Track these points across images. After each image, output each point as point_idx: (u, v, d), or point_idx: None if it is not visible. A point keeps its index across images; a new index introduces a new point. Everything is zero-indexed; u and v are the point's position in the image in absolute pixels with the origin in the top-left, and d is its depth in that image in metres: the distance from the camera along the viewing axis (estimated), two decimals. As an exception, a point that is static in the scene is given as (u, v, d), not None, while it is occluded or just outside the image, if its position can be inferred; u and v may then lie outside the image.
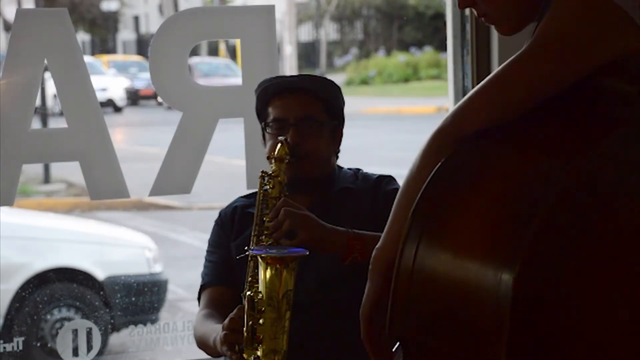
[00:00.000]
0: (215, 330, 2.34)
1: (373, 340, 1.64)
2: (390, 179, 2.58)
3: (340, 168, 2.62)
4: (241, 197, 2.67)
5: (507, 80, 1.59)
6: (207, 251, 2.63)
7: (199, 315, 2.53)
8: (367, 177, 2.60)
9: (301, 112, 2.49)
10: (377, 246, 1.65)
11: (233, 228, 2.59)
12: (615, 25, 1.56)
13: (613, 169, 1.50)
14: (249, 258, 2.30)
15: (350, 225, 2.35)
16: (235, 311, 2.25)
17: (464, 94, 3.15)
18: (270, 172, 2.37)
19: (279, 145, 2.38)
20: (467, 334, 1.46)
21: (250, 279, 2.29)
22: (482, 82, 1.61)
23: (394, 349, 1.61)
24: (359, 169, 2.64)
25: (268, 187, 2.37)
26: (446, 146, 1.59)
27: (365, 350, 1.70)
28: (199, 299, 2.60)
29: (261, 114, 2.56)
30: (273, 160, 2.38)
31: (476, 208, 1.51)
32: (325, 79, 2.63)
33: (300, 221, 2.29)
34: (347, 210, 2.51)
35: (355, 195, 2.55)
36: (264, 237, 2.33)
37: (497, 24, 1.72)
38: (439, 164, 1.57)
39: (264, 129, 2.55)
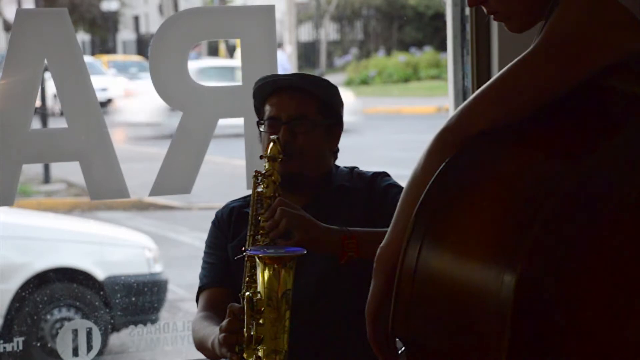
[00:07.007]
0: (213, 333, 2.33)
1: (379, 338, 1.64)
2: (384, 175, 2.58)
3: (337, 167, 2.62)
4: (235, 199, 2.66)
5: (513, 81, 1.59)
6: (205, 252, 2.62)
7: (197, 318, 2.53)
8: (362, 174, 2.60)
9: (294, 110, 2.49)
10: (381, 245, 1.65)
11: (230, 229, 2.58)
12: (622, 26, 1.56)
13: (616, 171, 1.50)
14: (246, 258, 2.30)
15: (346, 223, 2.34)
16: (228, 311, 2.24)
17: (464, 94, 3.15)
18: (264, 172, 2.37)
19: (272, 144, 2.36)
20: (469, 335, 1.46)
21: (247, 279, 2.29)
22: (488, 82, 1.61)
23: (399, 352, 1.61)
24: (354, 167, 2.64)
25: (262, 187, 2.36)
26: (451, 146, 1.59)
27: (367, 349, 1.70)
28: (197, 301, 2.60)
29: (259, 112, 2.57)
30: (266, 160, 2.37)
31: (479, 209, 1.51)
32: (321, 78, 2.62)
33: (297, 221, 2.28)
34: (343, 208, 2.50)
35: (350, 193, 2.54)
36: (259, 236, 2.32)
37: (507, 21, 1.72)
38: (443, 164, 1.57)
39: (258, 127, 2.55)
